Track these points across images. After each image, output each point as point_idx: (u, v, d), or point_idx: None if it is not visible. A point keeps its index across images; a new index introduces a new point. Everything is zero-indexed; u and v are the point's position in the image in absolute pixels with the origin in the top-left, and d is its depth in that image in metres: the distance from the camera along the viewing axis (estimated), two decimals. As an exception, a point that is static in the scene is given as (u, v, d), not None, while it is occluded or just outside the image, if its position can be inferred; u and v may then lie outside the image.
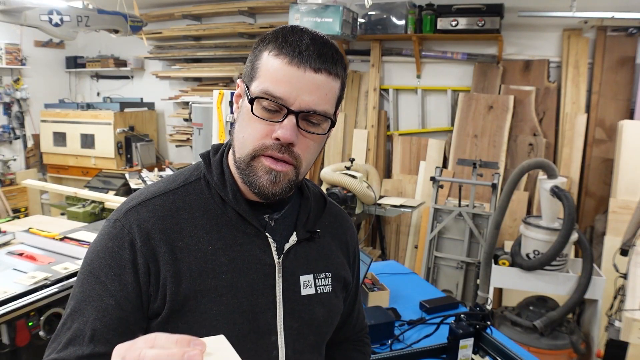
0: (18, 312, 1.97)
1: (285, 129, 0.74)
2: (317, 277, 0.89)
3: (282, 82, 0.74)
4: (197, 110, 4.70)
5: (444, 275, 3.80)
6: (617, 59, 3.81)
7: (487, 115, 4.13)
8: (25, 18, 3.62)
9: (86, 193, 4.10)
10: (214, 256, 0.79)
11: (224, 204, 0.82)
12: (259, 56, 0.78)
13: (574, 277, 2.71)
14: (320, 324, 0.89)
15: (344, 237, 0.98)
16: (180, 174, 0.87)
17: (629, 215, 2.81)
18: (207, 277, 0.78)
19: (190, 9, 5.24)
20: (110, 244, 0.78)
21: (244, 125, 0.78)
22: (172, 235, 0.78)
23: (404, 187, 4.45)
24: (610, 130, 3.83)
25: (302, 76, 0.74)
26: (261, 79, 0.76)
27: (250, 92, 0.77)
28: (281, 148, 0.76)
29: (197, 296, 0.77)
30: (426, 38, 4.31)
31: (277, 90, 0.74)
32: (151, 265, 0.76)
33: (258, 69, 0.77)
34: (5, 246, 2.59)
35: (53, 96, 6.14)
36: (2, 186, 5.21)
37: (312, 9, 3.71)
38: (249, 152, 0.77)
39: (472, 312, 1.60)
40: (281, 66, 0.74)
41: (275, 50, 0.75)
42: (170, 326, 0.77)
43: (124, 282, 0.75)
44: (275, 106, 0.75)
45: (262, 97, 0.75)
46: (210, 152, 0.88)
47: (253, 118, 0.76)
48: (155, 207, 0.80)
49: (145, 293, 0.76)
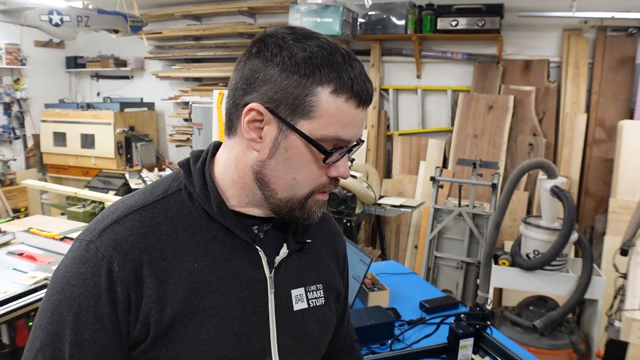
0: (18, 312, 1.97)
1: (345, 168, 0.73)
2: (308, 290, 0.83)
3: (350, 125, 0.71)
4: (197, 110, 4.71)
5: (444, 275, 3.80)
6: (617, 59, 3.80)
7: (487, 115, 4.13)
8: (25, 18, 3.62)
9: (86, 193, 4.10)
10: (201, 275, 0.72)
11: (209, 217, 0.75)
12: (311, 91, 0.68)
13: (574, 277, 2.71)
14: (316, 339, 0.84)
15: (333, 244, 0.93)
16: (158, 185, 0.79)
17: (629, 215, 2.81)
18: (194, 299, 0.71)
19: (190, 9, 5.24)
20: (83, 270, 0.69)
21: (294, 167, 0.72)
22: (154, 255, 0.70)
23: (404, 187, 4.45)
24: (610, 130, 3.83)
25: (361, 114, 0.72)
26: (324, 121, 0.69)
27: (308, 132, 0.69)
28: (336, 184, 0.75)
29: (184, 320, 0.71)
30: (426, 38, 4.31)
31: (347, 135, 0.71)
32: (131, 293, 0.69)
33: (315, 107, 0.68)
34: (5, 246, 2.60)
35: (53, 96, 6.14)
36: (2, 186, 5.20)
37: (312, 9, 3.71)
38: (304, 195, 0.74)
39: (472, 312, 1.59)
40: (349, 109, 0.70)
41: (344, 93, 0.69)
42: (153, 354, 0.71)
43: (100, 314, 0.68)
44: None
45: (340, 147, 0.72)
46: (190, 159, 0.79)
47: (310, 160, 0.71)
48: (134, 223, 0.72)
49: (125, 323, 0.70)
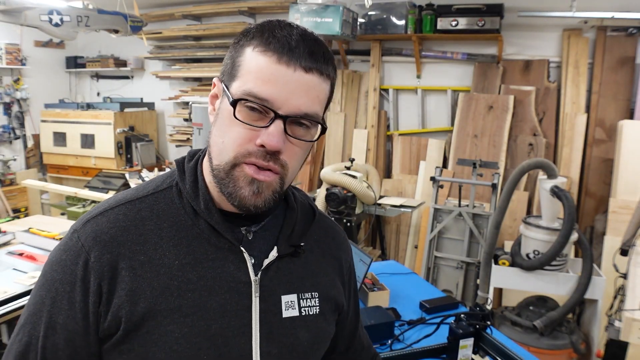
0: (18, 312, 1.97)
1: (271, 135, 0.67)
2: (301, 298, 0.80)
3: (269, 82, 0.66)
4: (197, 110, 4.70)
5: (444, 275, 3.80)
6: (617, 59, 3.80)
7: (487, 115, 4.13)
8: (25, 18, 3.62)
9: (86, 193, 4.10)
10: (181, 272, 0.71)
11: (196, 215, 0.74)
12: (240, 52, 0.69)
13: (574, 277, 2.71)
14: (305, 349, 0.80)
15: (337, 253, 0.89)
16: (152, 181, 0.79)
17: (629, 215, 2.81)
18: (170, 296, 0.70)
19: (190, 9, 5.25)
20: (64, 257, 0.71)
21: (224, 130, 0.70)
22: (133, 248, 0.71)
23: (404, 187, 4.45)
24: (610, 130, 3.83)
25: (292, 76, 0.67)
26: (244, 78, 0.68)
27: (231, 92, 0.69)
28: (266, 156, 0.68)
29: (157, 317, 0.69)
30: (426, 38, 4.31)
31: (264, 92, 0.66)
32: (103, 284, 0.69)
33: (240, 66, 0.69)
34: (5, 246, 2.60)
35: (53, 96, 6.14)
36: (2, 186, 5.20)
37: (312, 9, 3.71)
38: (229, 159, 0.69)
39: (472, 312, 1.59)
40: (268, 64, 0.66)
41: (261, 46, 0.67)
42: (125, 347, 0.70)
43: (72, 301, 0.70)
44: (261, 109, 0.67)
45: (246, 99, 0.67)
46: (185, 157, 0.80)
47: (234, 122, 0.68)
48: (118, 216, 0.73)
49: (94, 314, 0.70)
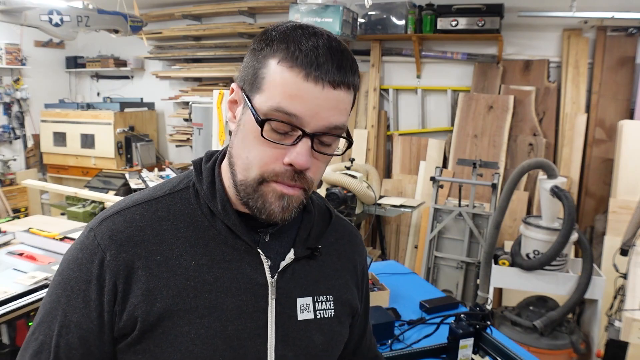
0: (18, 312, 1.97)
1: (300, 155, 0.66)
2: (317, 301, 0.80)
3: (297, 98, 0.64)
4: (197, 110, 4.70)
5: (444, 275, 3.80)
6: (617, 59, 3.81)
7: (487, 115, 4.13)
8: (25, 18, 3.62)
9: (86, 193, 4.10)
10: (197, 273, 0.72)
11: (213, 216, 0.74)
12: (264, 64, 0.67)
13: (574, 277, 2.71)
14: (320, 353, 0.80)
15: (352, 256, 0.89)
16: (169, 182, 0.79)
17: (629, 215, 2.81)
18: (186, 296, 0.70)
19: (190, 9, 5.24)
20: (80, 255, 0.72)
21: (248, 146, 0.68)
22: (150, 248, 0.71)
23: (404, 187, 4.45)
24: (610, 130, 3.83)
25: (320, 93, 0.65)
26: (269, 92, 0.65)
27: (256, 107, 0.66)
28: (294, 175, 0.67)
29: (173, 317, 0.70)
30: (426, 38, 4.31)
31: (291, 108, 0.64)
32: (119, 283, 0.69)
33: (264, 79, 0.66)
34: (5, 246, 2.59)
35: (53, 96, 6.14)
36: (2, 186, 5.20)
37: (312, 9, 3.71)
38: (255, 177, 0.68)
39: (472, 312, 1.60)
40: (295, 80, 0.64)
41: (287, 62, 0.65)
42: (140, 347, 0.71)
43: (87, 299, 0.70)
44: (288, 127, 0.65)
45: (274, 119, 0.65)
46: (203, 159, 0.80)
47: (260, 139, 0.66)
48: (134, 216, 0.73)
49: (109, 313, 0.70)
